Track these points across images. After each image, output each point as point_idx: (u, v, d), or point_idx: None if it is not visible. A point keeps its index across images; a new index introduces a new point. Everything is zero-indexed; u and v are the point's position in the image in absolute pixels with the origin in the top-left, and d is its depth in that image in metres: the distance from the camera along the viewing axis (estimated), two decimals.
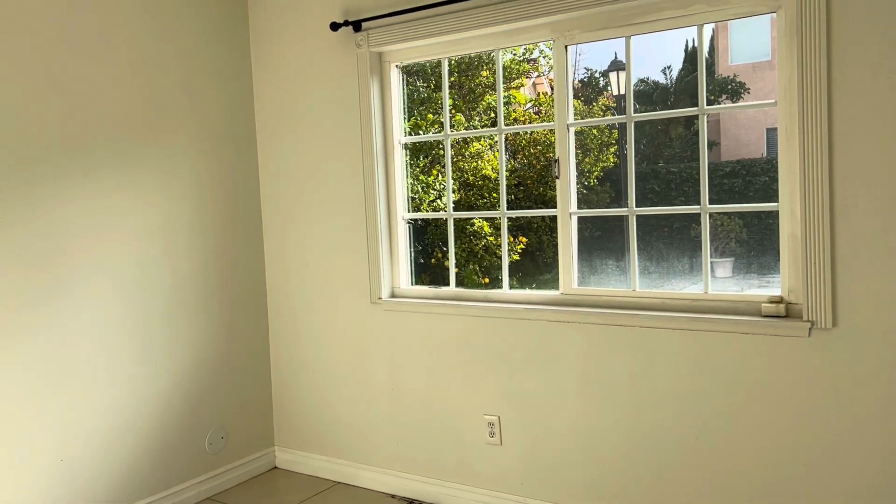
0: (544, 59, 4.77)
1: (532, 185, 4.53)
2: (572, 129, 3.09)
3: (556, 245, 3.16)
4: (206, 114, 3.63)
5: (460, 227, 4.61)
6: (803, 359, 2.56)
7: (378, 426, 3.61)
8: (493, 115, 4.57)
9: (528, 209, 4.48)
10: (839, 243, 2.48)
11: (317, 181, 3.70)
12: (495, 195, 4.45)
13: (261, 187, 3.91)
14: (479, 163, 4.70)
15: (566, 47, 3.03)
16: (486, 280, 4.67)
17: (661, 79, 4.82)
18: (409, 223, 3.62)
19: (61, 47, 3.04)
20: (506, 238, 3.38)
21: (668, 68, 4.75)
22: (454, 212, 3.48)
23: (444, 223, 3.63)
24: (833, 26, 2.43)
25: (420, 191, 4.17)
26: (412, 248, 3.66)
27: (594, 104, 4.69)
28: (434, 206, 4.20)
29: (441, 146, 3.90)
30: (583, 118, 4.22)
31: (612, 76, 4.30)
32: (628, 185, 2.99)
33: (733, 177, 4.22)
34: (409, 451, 3.52)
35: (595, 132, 4.37)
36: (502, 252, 3.40)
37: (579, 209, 3.12)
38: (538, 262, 4.52)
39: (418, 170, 4.22)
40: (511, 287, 3.34)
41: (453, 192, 3.71)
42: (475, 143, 4.73)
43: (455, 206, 4.06)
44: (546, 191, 4.33)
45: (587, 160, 4.32)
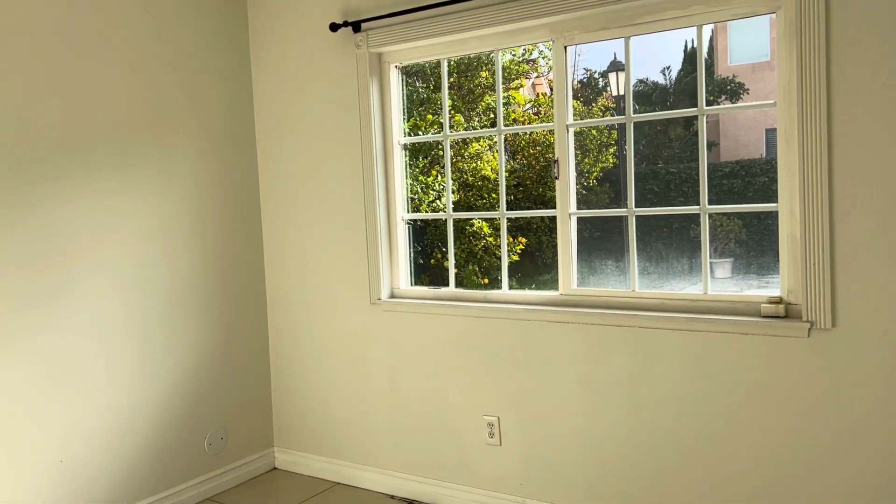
0: (543, 59, 4.78)
1: (531, 186, 4.53)
2: (571, 130, 3.09)
3: (555, 245, 3.16)
4: (206, 114, 3.63)
5: (460, 227, 4.61)
6: (803, 359, 2.56)
7: (377, 427, 3.61)
8: (493, 115, 4.57)
9: (528, 210, 4.49)
10: (838, 244, 2.48)
11: (316, 182, 3.70)
12: (495, 196, 4.45)
13: (260, 188, 3.91)
14: (479, 163, 4.70)
15: (565, 48, 3.04)
16: (486, 280, 4.67)
17: (661, 79, 4.82)
18: (408, 224, 3.62)
19: (61, 47, 3.04)
20: (505, 239, 3.39)
21: (668, 69, 4.75)
22: (454, 212, 3.48)
23: (444, 224, 3.63)
24: (832, 27, 2.43)
25: (419, 191, 4.17)
26: (411, 249, 3.66)
27: (593, 105, 4.70)
28: (433, 206, 4.20)
29: (440, 147, 3.90)
30: (582, 119, 4.23)
31: (612, 77, 4.30)
32: (627, 185, 2.99)
33: (732, 177, 4.22)
34: (408, 452, 3.52)
35: (594, 133, 4.37)
36: (502, 253, 3.40)
37: (578, 210, 3.12)
38: (537, 263, 4.52)
39: (418, 170, 4.22)
40: (510, 288, 3.34)
41: (453, 192, 3.70)
42: (474, 144, 4.73)
43: (454, 206, 4.06)
44: (545, 191, 4.33)
45: (586, 161, 4.32)
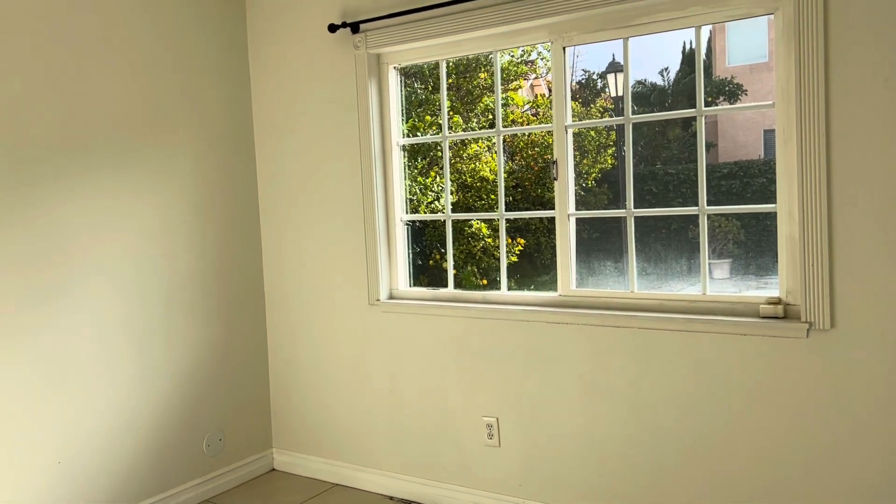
0: (542, 60, 4.78)
1: (530, 187, 4.53)
2: (570, 131, 3.10)
3: (554, 246, 3.16)
4: (205, 114, 3.63)
5: (458, 228, 4.61)
6: (801, 360, 2.57)
7: (376, 428, 3.61)
8: (491, 116, 4.57)
9: (527, 210, 4.49)
10: (837, 244, 2.49)
11: (315, 182, 3.70)
12: (493, 197, 4.46)
13: (259, 188, 3.91)
14: (477, 164, 4.70)
15: (564, 49, 3.04)
16: (485, 281, 4.67)
17: (659, 80, 4.82)
18: (407, 225, 3.63)
19: (61, 47, 3.04)
20: (504, 239, 3.39)
21: (666, 70, 4.75)
22: (452, 213, 3.49)
23: (443, 225, 3.64)
24: (830, 28, 2.44)
25: (418, 192, 4.17)
26: (410, 250, 3.66)
27: (592, 106, 4.70)
28: (432, 207, 4.20)
29: (439, 148, 3.90)
30: (581, 120, 4.23)
31: (610, 78, 4.30)
32: (626, 186, 3.00)
33: (731, 178, 4.22)
34: (407, 453, 3.52)
35: (593, 134, 4.37)
36: (500, 253, 3.40)
37: (577, 210, 3.13)
38: (536, 264, 4.52)
39: (416, 171, 4.22)
40: (509, 288, 3.34)
41: (451, 193, 3.71)
42: (473, 145, 4.73)
43: (453, 207, 4.06)
44: (544, 192, 4.33)
45: (585, 162, 4.32)
